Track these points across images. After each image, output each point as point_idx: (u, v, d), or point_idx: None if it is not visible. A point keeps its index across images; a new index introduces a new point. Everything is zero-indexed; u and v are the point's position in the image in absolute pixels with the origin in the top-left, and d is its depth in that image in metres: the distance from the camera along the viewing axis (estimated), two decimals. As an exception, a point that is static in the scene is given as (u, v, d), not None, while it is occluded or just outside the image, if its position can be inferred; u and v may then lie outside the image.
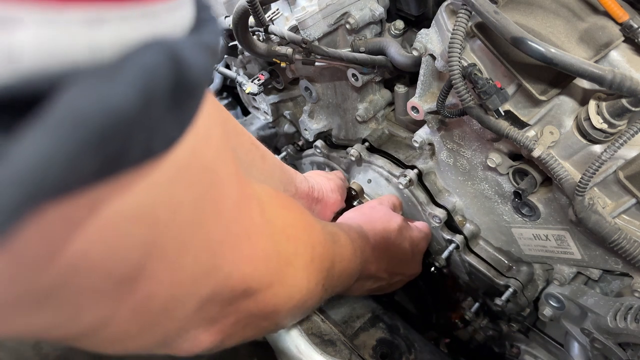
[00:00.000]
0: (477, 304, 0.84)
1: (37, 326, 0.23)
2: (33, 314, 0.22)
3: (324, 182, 0.80)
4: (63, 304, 0.23)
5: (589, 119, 0.50)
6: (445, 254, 0.77)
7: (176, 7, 0.22)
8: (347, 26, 0.72)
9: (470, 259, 0.78)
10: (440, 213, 0.77)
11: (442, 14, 0.58)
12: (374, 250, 0.69)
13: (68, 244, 0.20)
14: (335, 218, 0.82)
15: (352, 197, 0.89)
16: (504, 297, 0.72)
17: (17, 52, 0.16)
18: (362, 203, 0.87)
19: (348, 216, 0.77)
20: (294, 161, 1.07)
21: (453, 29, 0.51)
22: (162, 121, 0.20)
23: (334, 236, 0.57)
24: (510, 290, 0.73)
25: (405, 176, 0.77)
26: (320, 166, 1.00)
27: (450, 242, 0.77)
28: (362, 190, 0.89)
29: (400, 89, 0.81)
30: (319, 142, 0.95)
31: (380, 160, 0.84)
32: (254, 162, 0.66)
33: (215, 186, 0.30)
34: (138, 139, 0.19)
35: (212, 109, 0.28)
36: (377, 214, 0.76)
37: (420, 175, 0.79)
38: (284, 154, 1.03)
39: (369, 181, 0.88)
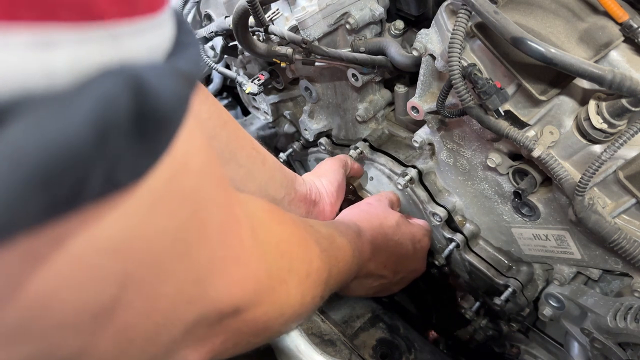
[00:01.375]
0: (477, 304, 0.84)
1: None
2: (6, 350, 0.21)
3: (321, 185, 0.79)
4: (36, 341, 0.22)
5: (589, 119, 0.50)
6: (445, 253, 0.77)
7: (145, 30, 0.20)
8: (347, 26, 0.72)
9: (471, 257, 0.78)
10: (441, 212, 0.77)
11: (442, 14, 0.58)
12: (372, 246, 0.68)
13: (30, 280, 0.19)
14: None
15: (349, 192, 0.89)
16: (503, 297, 0.72)
17: None
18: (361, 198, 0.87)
19: (344, 214, 0.76)
20: (300, 158, 1.07)
21: (453, 29, 0.51)
22: (126, 153, 0.19)
23: (331, 239, 0.56)
24: (510, 289, 0.73)
25: (406, 175, 0.78)
26: None
27: (451, 240, 0.77)
28: (359, 186, 0.89)
29: (400, 89, 0.81)
30: (323, 139, 0.95)
31: (382, 158, 0.85)
32: (254, 166, 0.66)
33: (197, 213, 0.28)
34: (95, 173, 0.18)
35: (193, 130, 0.26)
36: (374, 210, 0.75)
37: (420, 175, 0.79)
38: (289, 150, 1.03)
39: (371, 179, 0.88)
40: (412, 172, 0.78)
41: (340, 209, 0.80)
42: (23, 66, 0.16)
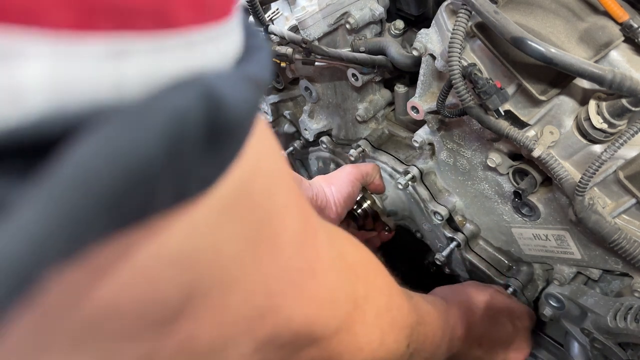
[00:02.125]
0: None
1: None
2: (68, 358, 0.21)
3: (330, 192, 0.78)
4: (97, 349, 0.21)
5: (589, 118, 0.50)
6: (446, 252, 0.77)
7: (218, 36, 0.19)
8: (347, 26, 0.72)
9: (471, 257, 0.78)
10: (442, 210, 0.76)
11: (442, 14, 0.58)
12: (463, 322, 0.63)
13: (94, 291, 0.19)
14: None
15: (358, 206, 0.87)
16: None
17: (22, 91, 0.14)
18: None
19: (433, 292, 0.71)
20: (301, 156, 1.07)
21: (453, 29, 0.51)
22: (197, 165, 0.18)
23: (416, 299, 0.52)
24: (510, 289, 0.73)
25: (408, 173, 0.77)
26: (325, 161, 1.00)
27: (452, 240, 0.77)
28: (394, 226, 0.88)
29: (400, 89, 0.81)
30: (325, 138, 0.94)
31: (384, 156, 0.84)
32: None
33: (269, 220, 0.27)
34: (165, 187, 0.17)
35: (264, 132, 0.25)
36: (461, 286, 0.72)
37: (420, 174, 0.79)
38: (290, 149, 1.02)
39: (373, 178, 0.88)
40: (414, 171, 0.78)
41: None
42: (96, 77, 0.15)
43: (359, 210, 0.86)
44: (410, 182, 0.78)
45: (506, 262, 0.76)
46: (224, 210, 0.22)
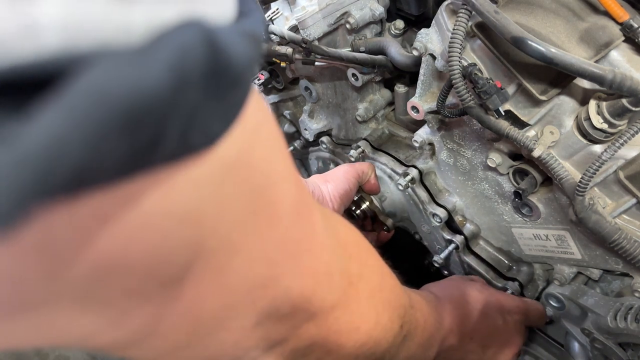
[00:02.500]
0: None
1: (80, 331, 0.22)
2: (74, 315, 0.21)
3: (326, 190, 0.78)
4: (105, 306, 0.22)
5: (589, 118, 0.50)
6: (444, 254, 0.77)
7: None
8: (347, 26, 0.72)
9: (470, 259, 0.78)
10: (441, 212, 0.76)
11: (442, 14, 0.58)
12: (453, 316, 0.63)
13: (98, 238, 0.19)
14: None
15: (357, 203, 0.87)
16: None
17: (38, 27, 0.14)
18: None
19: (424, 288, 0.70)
20: (301, 156, 1.07)
21: (453, 29, 0.51)
22: (200, 111, 0.19)
23: (406, 290, 0.51)
24: (509, 292, 0.73)
25: (407, 175, 0.77)
26: (325, 161, 1.00)
27: (450, 242, 0.77)
28: (392, 225, 0.88)
29: (400, 88, 0.81)
30: (325, 138, 0.94)
31: (383, 158, 0.84)
32: None
33: (268, 187, 0.27)
34: (172, 127, 0.18)
35: (260, 102, 0.26)
36: (450, 280, 0.72)
37: (420, 175, 0.79)
38: (290, 148, 1.02)
39: (372, 179, 0.88)
40: (414, 172, 0.78)
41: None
42: (105, 20, 0.16)
43: (358, 212, 0.86)
44: (409, 184, 0.78)
45: (506, 262, 0.76)
46: (227, 170, 0.23)
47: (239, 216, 0.25)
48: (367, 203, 0.86)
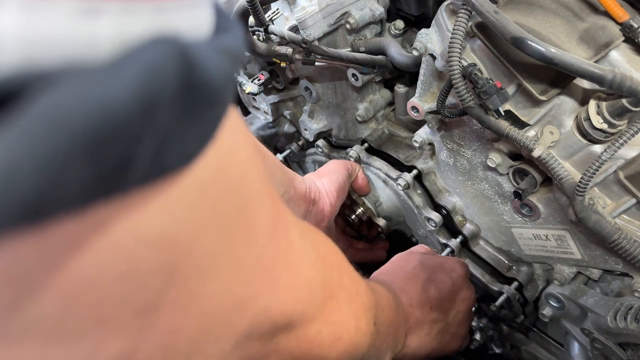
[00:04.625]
0: (474, 306, 0.84)
1: None
2: (42, 349, 0.20)
3: (321, 185, 0.79)
4: (76, 338, 0.21)
5: (589, 119, 0.50)
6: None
7: (188, 5, 0.19)
8: (347, 26, 0.72)
9: (467, 263, 0.78)
10: (435, 217, 0.76)
11: (442, 14, 0.58)
12: (405, 293, 0.63)
13: (68, 267, 0.18)
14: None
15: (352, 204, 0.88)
16: (497, 303, 0.73)
17: None
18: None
19: (379, 272, 0.71)
20: (298, 159, 1.07)
21: (453, 29, 0.51)
22: (174, 131, 0.18)
23: (365, 281, 0.52)
24: (504, 296, 0.73)
25: (401, 179, 0.77)
26: (322, 164, 1.00)
27: (446, 246, 0.77)
28: (387, 228, 0.88)
29: (400, 89, 0.81)
30: (320, 142, 0.95)
31: (378, 162, 0.84)
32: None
33: (244, 206, 0.27)
34: (143, 149, 0.17)
35: (238, 121, 0.25)
36: (392, 262, 0.73)
37: (420, 175, 0.79)
38: (287, 151, 1.03)
39: (367, 183, 0.88)
40: (408, 177, 0.77)
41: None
42: (68, 33, 0.15)
43: (353, 216, 0.87)
44: (404, 189, 0.77)
45: (506, 262, 0.76)
46: (202, 191, 0.22)
47: (214, 238, 0.25)
48: (361, 208, 0.87)
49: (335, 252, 0.43)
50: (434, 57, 0.61)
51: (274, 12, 0.70)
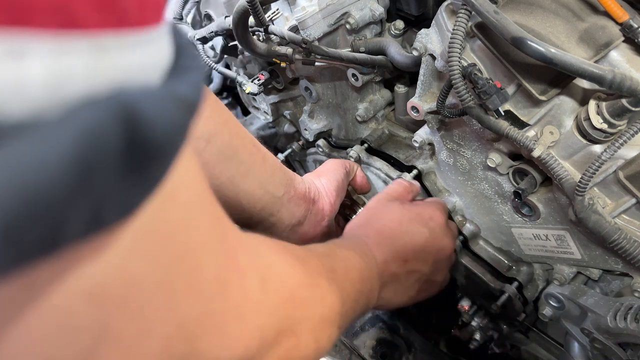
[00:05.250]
0: (475, 307, 0.84)
1: None
2: None
3: (320, 184, 0.79)
4: None
5: (589, 119, 0.50)
6: None
7: (135, 44, 0.18)
8: (347, 26, 0.72)
9: (467, 262, 0.78)
10: None
11: (442, 14, 0.58)
12: (381, 247, 0.65)
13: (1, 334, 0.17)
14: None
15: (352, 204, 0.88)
16: (499, 302, 0.72)
17: None
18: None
19: (354, 224, 0.72)
20: (299, 158, 1.07)
21: (453, 29, 0.51)
22: (114, 189, 0.17)
23: (331, 254, 0.54)
24: (506, 295, 0.73)
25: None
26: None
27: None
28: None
29: (400, 89, 0.81)
30: (320, 141, 0.95)
31: (378, 162, 0.84)
32: (255, 164, 0.66)
33: (187, 258, 0.25)
34: (77, 213, 0.16)
35: (188, 163, 0.23)
36: (371, 212, 0.73)
37: (420, 175, 0.79)
38: (289, 151, 1.03)
39: (367, 182, 0.89)
40: (408, 177, 0.78)
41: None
42: None
43: (353, 216, 0.87)
44: None
45: (506, 262, 0.76)
46: (137, 242, 0.21)
47: (151, 291, 0.23)
48: (362, 208, 0.87)
49: (302, 282, 0.41)
50: (433, 57, 0.61)
51: (274, 12, 0.70)
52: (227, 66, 1.02)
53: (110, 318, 0.21)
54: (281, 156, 1.01)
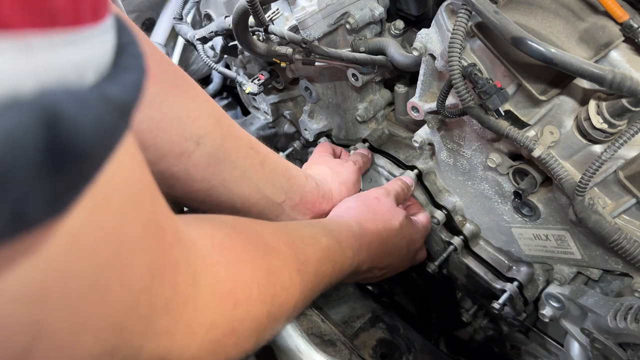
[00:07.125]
0: (475, 307, 0.84)
1: None
2: None
3: (330, 179, 0.77)
4: None
5: (589, 118, 0.50)
6: (443, 256, 0.77)
7: (65, 43, 0.18)
8: (347, 26, 0.72)
9: (468, 261, 0.78)
10: (439, 215, 0.76)
11: (442, 14, 0.58)
12: (370, 249, 0.67)
13: None
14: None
15: None
16: (500, 301, 0.72)
17: None
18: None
19: (348, 206, 0.73)
20: (301, 157, 1.07)
21: (453, 29, 0.51)
22: (37, 189, 0.17)
23: (314, 239, 0.55)
24: (507, 294, 0.73)
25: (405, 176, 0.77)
26: None
27: (449, 244, 0.77)
28: None
29: (400, 89, 0.81)
30: (323, 139, 0.95)
31: (381, 160, 0.85)
32: (252, 167, 0.63)
33: (119, 256, 0.26)
34: None
35: (122, 163, 0.24)
36: (381, 208, 0.72)
37: (420, 175, 0.79)
38: (290, 149, 1.03)
39: (370, 180, 0.88)
40: (411, 175, 0.78)
41: None
42: None
43: None
44: None
45: (506, 262, 0.76)
46: (72, 242, 0.21)
47: (85, 288, 0.24)
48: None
49: (248, 282, 0.41)
50: (433, 57, 0.61)
51: (274, 12, 0.70)
52: (227, 66, 1.02)
53: (45, 317, 0.22)
54: (282, 155, 1.01)
